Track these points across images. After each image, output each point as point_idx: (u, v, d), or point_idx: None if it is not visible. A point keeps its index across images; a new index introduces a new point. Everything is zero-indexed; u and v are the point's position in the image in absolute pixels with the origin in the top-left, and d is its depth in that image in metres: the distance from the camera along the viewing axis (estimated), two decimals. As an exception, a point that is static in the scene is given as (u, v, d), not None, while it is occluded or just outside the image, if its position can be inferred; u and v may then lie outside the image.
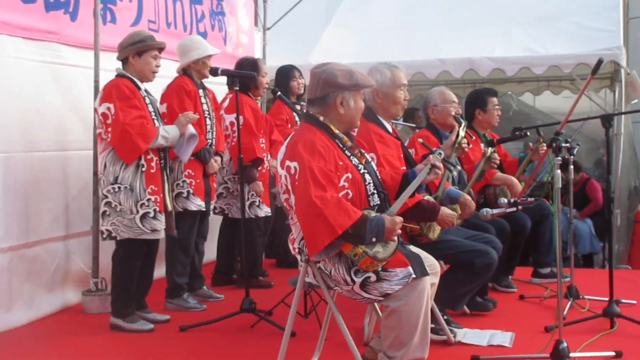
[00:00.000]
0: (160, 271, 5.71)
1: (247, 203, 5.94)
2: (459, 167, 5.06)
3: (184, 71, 5.65)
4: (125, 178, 4.86)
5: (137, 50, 4.99)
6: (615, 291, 4.95)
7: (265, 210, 6.16)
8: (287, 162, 3.59)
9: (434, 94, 5.54)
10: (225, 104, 6.06)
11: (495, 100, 6.09)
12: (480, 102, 6.06)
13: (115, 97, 4.82)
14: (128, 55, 4.99)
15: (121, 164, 4.85)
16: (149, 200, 4.89)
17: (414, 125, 7.47)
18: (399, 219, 3.53)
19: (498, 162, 5.55)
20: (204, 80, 5.80)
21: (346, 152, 3.72)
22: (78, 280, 5.64)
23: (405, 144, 5.01)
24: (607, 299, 4.96)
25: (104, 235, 4.93)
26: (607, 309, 4.92)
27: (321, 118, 3.73)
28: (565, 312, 5.12)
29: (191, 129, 5.17)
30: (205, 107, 5.66)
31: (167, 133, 4.98)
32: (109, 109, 4.81)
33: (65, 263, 5.57)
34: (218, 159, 5.74)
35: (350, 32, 9.33)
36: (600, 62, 4.63)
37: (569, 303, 5.41)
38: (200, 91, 5.67)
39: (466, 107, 6.25)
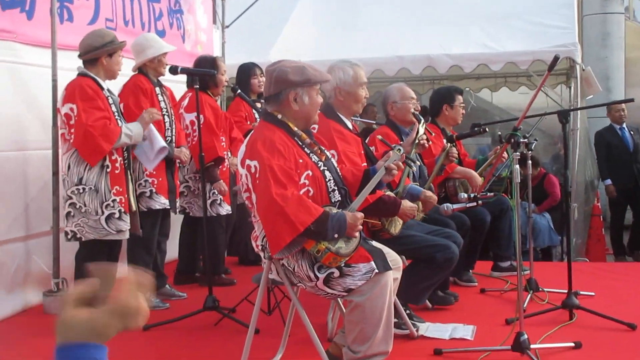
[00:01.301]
0: (122, 270, 5.66)
1: (209, 201, 5.93)
2: (418, 163, 5.11)
3: (140, 70, 5.62)
4: (90, 179, 4.84)
5: (110, 52, 4.98)
6: (573, 283, 5.03)
7: (226, 209, 6.16)
8: (248, 161, 3.60)
9: (392, 91, 5.56)
10: (185, 102, 6.04)
11: (461, 98, 6.17)
12: (448, 97, 6.12)
13: (78, 97, 4.79)
14: (100, 56, 4.96)
15: (85, 165, 4.83)
16: (114, 201, 4.88)
17: (373, 121, 7.52)
18: (360, 214, 3.57)
19: (456, 155, 5.61)
20: (163, 78, 5.77)
21: (305, 149, 3.74)
22: (38, 281, 5.59)
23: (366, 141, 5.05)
24: (565, 291, 5.04)
25: (69, 237, 4.91)
26: (566, 301, 4.99)
27: (279, 116, 3.75)
28: (525, 305, 5.17)
29: (162, 142, 5.18)
30: (162, 104, 5.63)
31: (130, 131, 4.97)
32: (72, 109, 4.79)
33: (26, 264, 5.51)
34: (183, 148, 5.71)
35: (309, 30, 9.34)
36: (556, 58, 4.70)
37: (529, 296, 5.47)
38: (157, 89, 5.64)
39: (432, 102, 6.29)
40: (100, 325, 1.33)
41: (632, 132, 9.03)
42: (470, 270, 6.19)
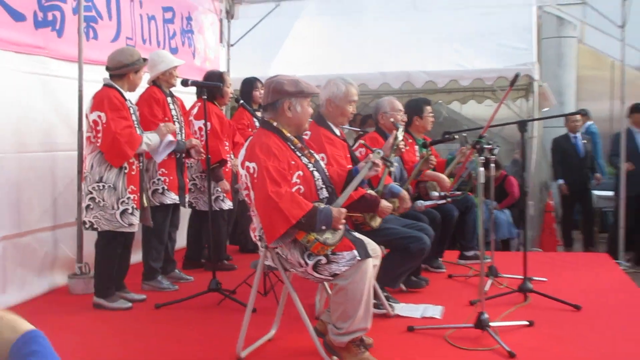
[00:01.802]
0: (137, 257, 5.68)
1: (213, 197, 5.93)
2: (396, 164, 5.12)
3: (154, 82, 5.62)
4: (110, 178, 4.83)
5: (137, 69, 4.99)
6: (528, 270, 5.08)
7: (228, 204, 6.16)
8: (247, 163, 3.61)
9: (384, 103, 5.58)
10: (194, 111, 6.03)
11: (429, 108, 6.15)
12: (418, 110, 6.10)
13: (107, 107, 4.78)
14: (129, 72, 4.97)
15: (106, 166, 4.83)
16: (128, 198, 4.88)
17: (358, 129, 7.53)
18: (344, 210, 3.59)
19: (434, 163, 5.64)
20: (174, 90, 5.76)
21: (297, 152, 3.75)
22: (64, 265, 5.59)
23: (353, 146, 5.06)
24: (521, 277, 5.08)
25: (87, 226, 4.91)
26: (522, 286, 5.03)
27: (275, 124, 3.76)
28: (486, 289, 5.21)
29: (170, 136, 5.18)
30: (173, 112, 5.62)
31: (149, 140, 4.99)
32: (100, 117, 4.78)
33: (53, 250, 5.51)
34: (192, 139, 5.67)
35: (304, 49, 9.33)
36: (517, 76, 4.72)
37: (490, 281, 5.49)
38: (169, 99, 5.63)
39: (405, 114, 6.30)
40: None
41: (584, 141, 9.06)
42: (440, 258, 6.21)
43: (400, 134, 4.90)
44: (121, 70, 4.96)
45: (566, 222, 9.47)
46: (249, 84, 6.70)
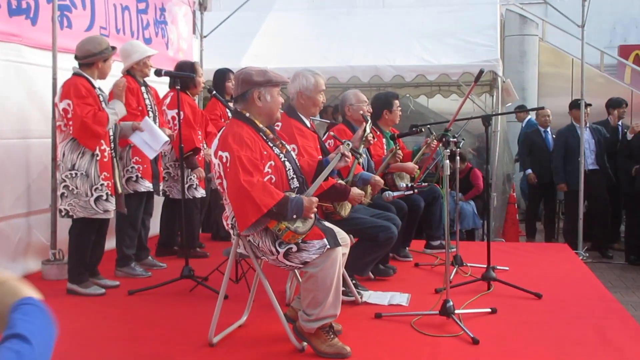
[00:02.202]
0: (110, 243, 5.61)
1: (186, 186, 5.89)
2: (364, 156, 5.13)
3: (128, 71, 5.54)
4: (82, 165, 4.77)
5: (105, 58, 4.91)
6: (492, 259, 5.11)
7: (201, 192, 6.11)
8: (220, 152, 3.57)
9: (349, 95, 5.54)
10: (167, 100, 5.96)
11: (397, 102, 6.14)
12: (387, 104, 6.07)
13: (73, 95, 4.72)
14: (97, 61, 4.88)
15: (78, 153, 4.77)
16: (102, 185, 4.82)
17: (328, 121, 7.51)
18: (315, 199, 3.58)
19: (401, 157, 5.65)
20: (148, 79, 5.69)
21: (269, 143, 3.72)
22: (38, 251, 5.50)
23: (323, 137, 5.05)
24: (485, 265, 5.11)
25: (62, 214, 4.85)
26: (485, 274, 5.06)
27: (247, 114, 3.74)
28: (451, 277, 5.21)
29: (165, 137, 5.19)
30: (147, 102, 5.57)
31: (113, 109, 4.92)
32: (69, 104, 4.72)
33: (27, 236, 5.43)
34: (165, 129, 5.61)
35: (275, 41, 9.29)
36: (481, 72, 4.72)
37: (455, 269, 5.53)
38: (143, 88, 5.57)
39: (374, 107, 6.28)
40: None
41: (554, 136, 9.13)
42: (407, 248, 6.23)
43: (368, 127, 4.89)
44: (89, 59, 4.89)
45: (530, 213, 9.56)
46: (222, 75, 6.64)
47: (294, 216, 3.44)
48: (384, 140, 5.98)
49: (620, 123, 9.01)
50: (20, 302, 1.37)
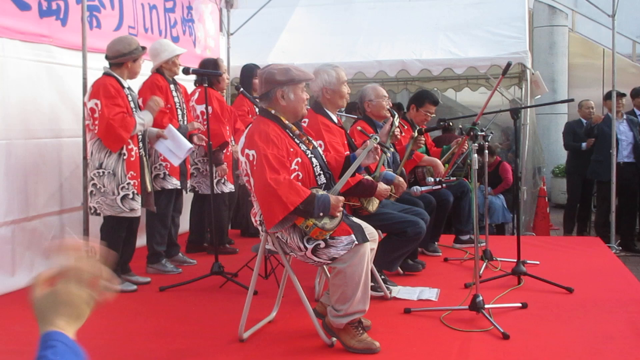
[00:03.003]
0: (141, 240, 5.68)
1: (215, 181, 5.93)
2: (392, 150, 5.12)
3: (157, 70, 5.61)
4: (109, 164, 4.84)
5: (135, 58, 4.96)
6: (522, 254, 5.06)
7: (229, 187, 6.15)
8: (246, 150, 3.59)
9: (368, 91, 5.50)
10: (195, 96, 6.02)
11: (431, 108, 6.05)
12: (417, 101, 6.07)
13: (102, 95, 4.78)
14: (127, 61, 4.94)
15: (105, 152, 4.83)
16: (128, 184, 4.88)
17: (355, 116, 7.51)
18: (342, 198, 3.57)
19: (423, 142, 5.62)
20: (177, 77, 5.75)
21: (295, 139, 3.73)
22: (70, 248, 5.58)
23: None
24: (515, 260, 5.07)
25: (91, 211, 4.93)
26: (515, 269, 5.02)
27: (273, 111, 3.75)
28: (481, 272, 5.20)
29: (189, 144, 5.26)
30: (176, 99, 5.63)
31: (142, 119, 4.98)
32: (96, 104, 4.78)
33: (60, 234, 5.51)
34: (194, 122, 5.71)
35: (302, 37, 9.31)
36: (509, 64, 4.69)
37: (484, 264, 5.50)
38: (172, 86, 5.63)
39: (408, 101, 6.29)
40: (62, 294, 1.31)
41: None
42: (436, 242, 6.21)
43: (396, 121, 4.88)
44: (119, 59, 4.95)
45: (570, 208, 9.33)
46: (249, 72, 6.68)
47: (321, 214, 3.45)
48: (413, 134, 5.93)
49: None
50: (55, 337, 1.30)
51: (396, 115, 5.03)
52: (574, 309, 4.40)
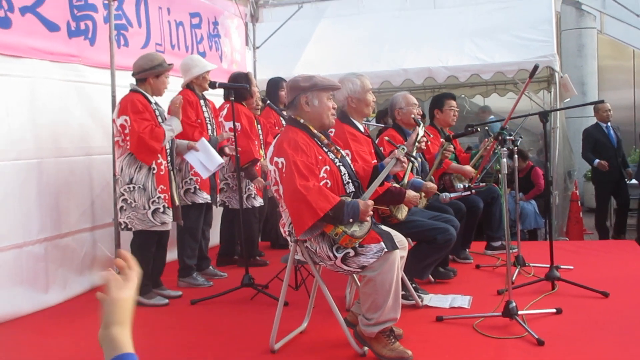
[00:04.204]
0: (172, 254, 5.73)
1: (245, 195, 5.96)
2: (419, 160, 5.11)
3: (188, 85, 5.67)
4: (139, 179, 4.88)
5: (157, 74, 5.01)
6: (555, 259, 5.01)
7: (259, 201, 6.19)
8: (275, 159, 3.62)
9: (398, 99, 5.51)
10: (224, 112, 6.04)
11: (452, 102, 6.07)
12: (438, 103, 6.09)
13: (130, 110, 4.84)
14: (148, 76, 5.00)
15: (135, 167, 4.88)
16: (159, 197, 4.92)
17: (383, 125, 7.51)
18: (371, 202, 3.57)
19: (452, 150, 5.60)
20: (206, 93, 5.80)
21: (324, 148, 3.74)
22: (103, 264, 5.65)
23: (376, 141, 5.04)
24: (548, 265, 5.02)
25: (122, 227, 4.98)
26: (549, 274, 4.97)
27: (301, 120, 3.77)
28: (513, 278, 5.16)
29: (220, 159, 5.32)
30: (206, 114, 5.68)
31: (169, 126, 5.01)
32: (126, 120, 4.83)
33: (92, 250, 5.58)
34: (223, 133, 5.76)
35: (327, 48, 9.33)
36: (536, 67, 4.64)
37: (517, 270, 5.45)
38: (202, 101, 5.68)
39: (429, 109, 6.29)
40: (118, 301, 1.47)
41: (616, 131, 8.83)
42: (467, 249, 6.17)
43: (421, 130, 4.87)
44: (141, 74, 5.01)
45: (601, 212, 9.16)
46: (275, 84, 6.72)
47: (350, 220, 3.45)
48: (442, 140, 5.91)
49: None
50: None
51: (421, 125, 5.01)
52: (610, 313, 4.34)
